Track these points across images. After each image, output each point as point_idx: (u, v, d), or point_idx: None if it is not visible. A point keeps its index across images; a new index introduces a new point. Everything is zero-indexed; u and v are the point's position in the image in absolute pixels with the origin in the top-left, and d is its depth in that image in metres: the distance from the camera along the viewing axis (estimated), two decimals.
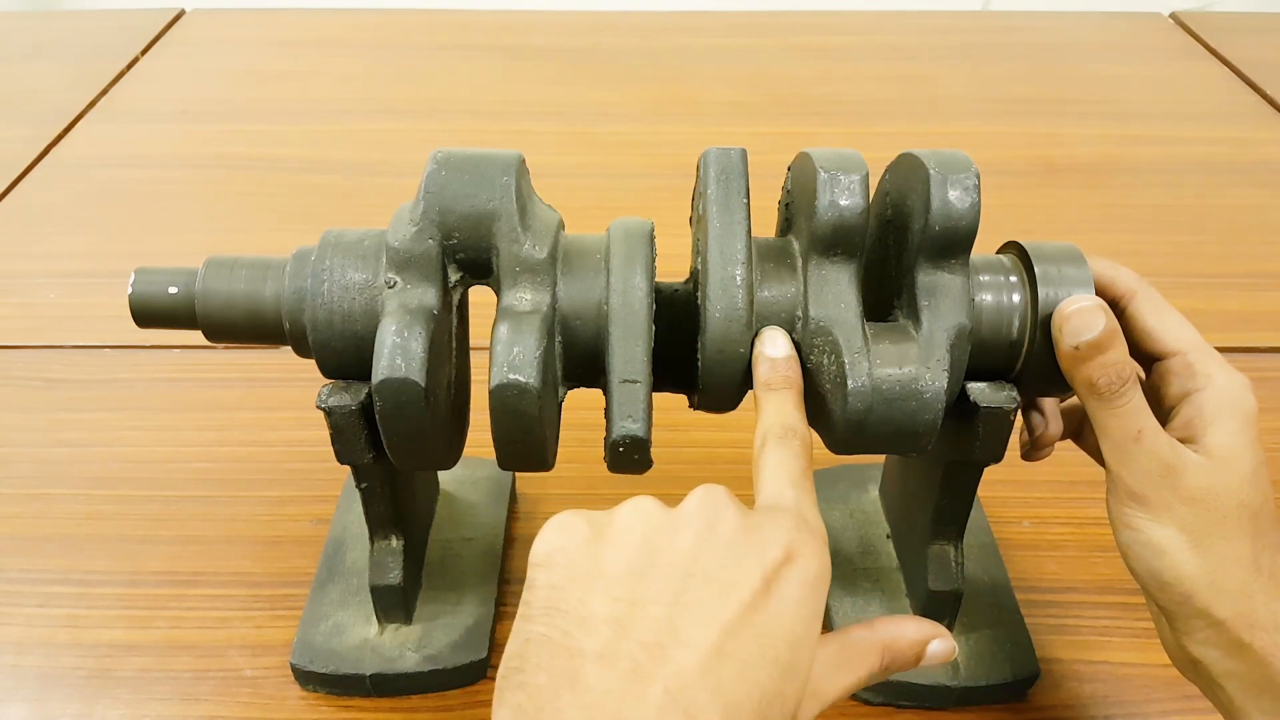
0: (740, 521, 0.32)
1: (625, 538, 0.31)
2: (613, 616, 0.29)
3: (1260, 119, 0.96)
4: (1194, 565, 0.36)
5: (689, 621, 0.29)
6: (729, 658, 0.28)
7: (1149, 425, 0.36)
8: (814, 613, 0.30)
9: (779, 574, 0.30)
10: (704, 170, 0.39)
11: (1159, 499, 0.36)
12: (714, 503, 0.32)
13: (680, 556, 0.30)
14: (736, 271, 0.37)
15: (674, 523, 0.32)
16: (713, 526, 0.31)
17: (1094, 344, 0.37)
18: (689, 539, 0.31)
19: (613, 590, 0.30)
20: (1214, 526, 0.35)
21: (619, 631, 0.29)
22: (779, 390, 0.37)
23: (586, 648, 0.28)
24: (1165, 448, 0.36)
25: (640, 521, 0.32)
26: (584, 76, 1.04)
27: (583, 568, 0.31)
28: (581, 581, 0.30)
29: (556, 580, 0.30)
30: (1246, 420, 0.36)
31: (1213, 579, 0.35)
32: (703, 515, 0.32)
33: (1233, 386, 0.37)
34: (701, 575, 0.30)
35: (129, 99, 0.99)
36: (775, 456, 0.35)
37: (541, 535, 0.32)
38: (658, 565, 0.30)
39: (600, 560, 0.31)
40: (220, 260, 0.40)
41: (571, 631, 0.29)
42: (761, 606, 0.29)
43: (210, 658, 0.47)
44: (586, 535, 0.32)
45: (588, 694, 0.27)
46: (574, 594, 0.30)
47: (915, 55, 1.08)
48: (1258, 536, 0.36)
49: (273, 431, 0.60)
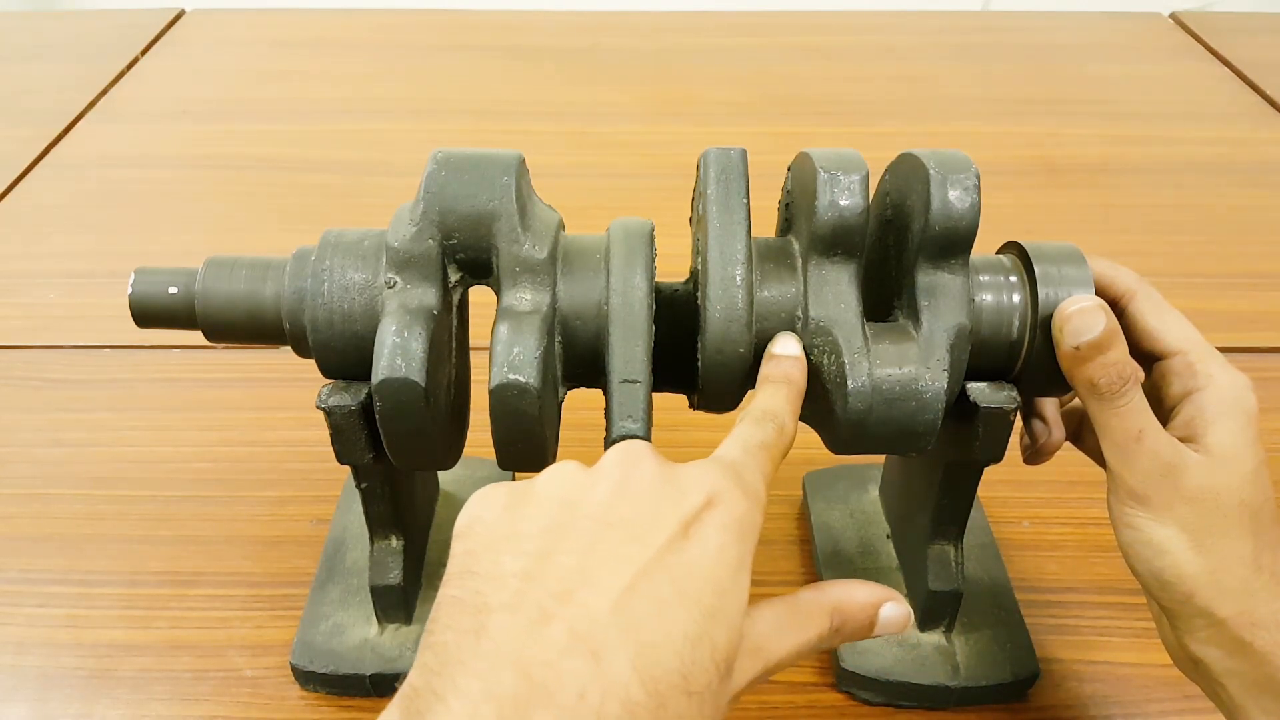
0: (659, 471, 0.31)
1: (543, 500, 0.31)
2: (523, 570, 0.28)
3: (1260, 119, 0.96)
4: (1195, 564, 0.36)
5: (600, 567, 0.28)
6: (641, 597, 0.27)
7: (1150, 425, 0.36)
8: (738, 560, 0.29)
9: (699, 518, 0.29)
10: (704, 170, 0.39)
11: (1160, 498, 0.36)
12: (633, 455, 0.32)
13: (595, 508, 0.30)
14: (736, 271, 0.37)
15: (591, 479, 0.31)
16: (629, 477, 0.31)
17: (1094, 344, 0.37)
18: (604, 491, 0.30)
19: (524, 547, 0.29)
20: (1215, 525, 0.35)
21: (527, 583, 0.28)
22: (775, 383, 0.37)
23: (493, 601, 0.28)
24: (1166, 447, 0.36)
25: (558, 484, 0.31)
26: (584, 76, 1.04)
27: (499, 532, 0.30)
28: (496, 544, 0.30)
29: (471, 546, 0.30)
30: (1248, 420, 0.36)
31: (1214, 578, 0.35)
32: (620, 467, 0.31)
33: (1234, 386, 0.37)
34: (617, 523, 0.29)
35: (129, 99, 0.99)
36: (742, 429, 0.35)
37: (464, 509, 0.32)
38: (573, 519, 0.30)
39: (516, 524, 0.30)
40: (220, 260, 0.40)
41: (481, 590, 0.28)
42: (679, 548, 0.29)
43: (210, 658, 0.47)
44: (505, 503, 0.31)
45: (490, 642, 0.26)
46: (487, 557, 0.29)
47: (915, 55, 1.09)
48: (1259, 535, 0.36)
49: (273, 431, 0.60)
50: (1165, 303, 0.39)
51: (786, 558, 0.53)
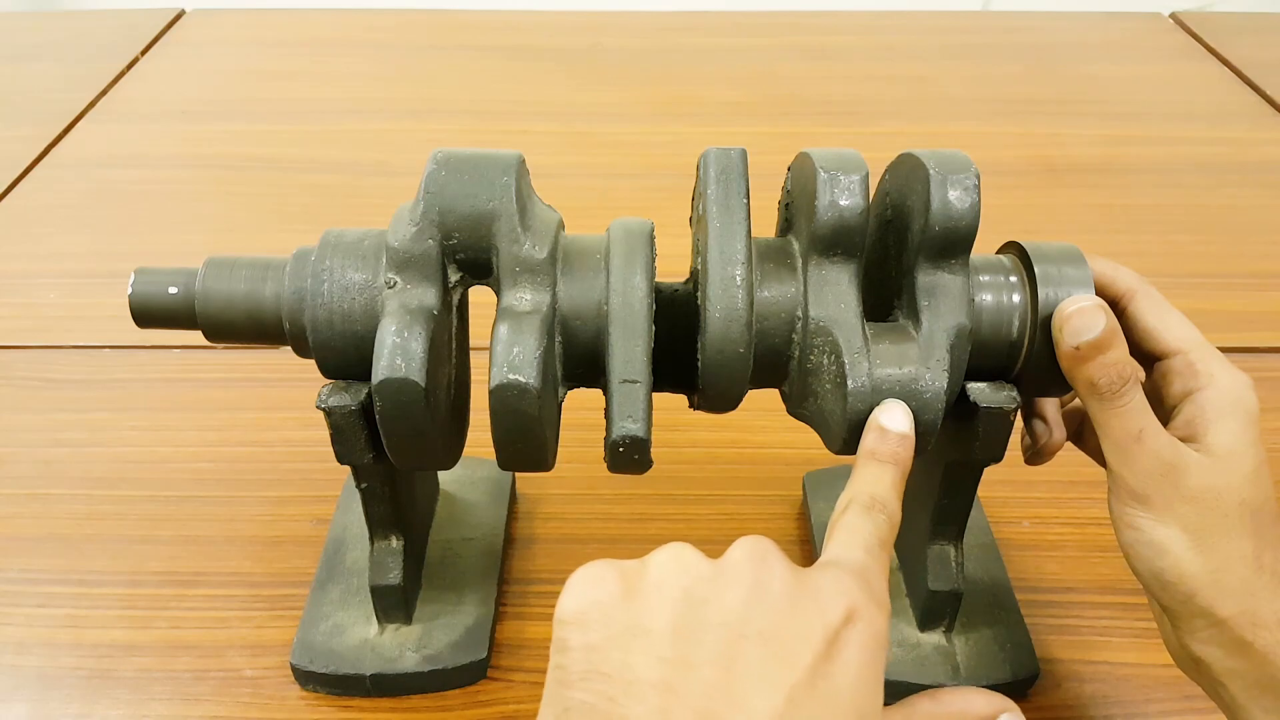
0: (793, 578, 0.29)
1: (664, 592, 0.29)
2: (662, 680, 0.27)
3: (1260, 119, 0.96)
4: (1196, 564, 0.36)
5: (748, 687, 0.27)
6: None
7: (1150, 425, 0.36)
8: (876, 678, 0.28)
9: (840, 636, 0.28)
10: (704, 170, 0.39)
11: (1161, 498, 0.36)
12: (762, 555, 0.30)
13: (730, 614, 0.28)
14: (736, 271, 0.37)
15: (719, 576, 0.29)
16: (763, 582, 0.29)
17: (1094, 344, 0.37)
18: (739, 595, 0.29)
19: (658, 650, 0.27)
20: (1216, 525, 0.35)
21: (669, 697, 0.26)
22: (882, 463, 0.36)
23: (635, 715, 0.26)
24: (1167, 447, 0.36)
25: (678, 574, 0.29)
26: (584, 76, 1.04)
27: (620, 625, 0.28)
28: (621, 641, 0.28)
29: (593, 640, 0.28)
30: (1248, 419, 0.36)
31: (1215, 578, 0.35)
32: (751, 569, 0.29)
33: (1235, 386, 0.37)
34: (756, 636, 0.28)
35: (129, 99, 0.99)
36: (855, 521, 0.33)
37: (569, 589, 0.30)
38: (706, 624, 0.28)
39: (639, 617, 0.28)
40: (220, 260, 0.40)
41: (617, 698, 0.26)
42: (825, 671, 0.27)
43: (210, 658, 0.47)
44: (620, 589, 0.29)
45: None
46: (614, 655, 0.27)
47: (915, 55, 1.09)
48: (1259, 535, 0.36)
49: (273, 431, 0.60)
50: (1166, 302, 0.39)
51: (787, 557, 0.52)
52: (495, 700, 0.46)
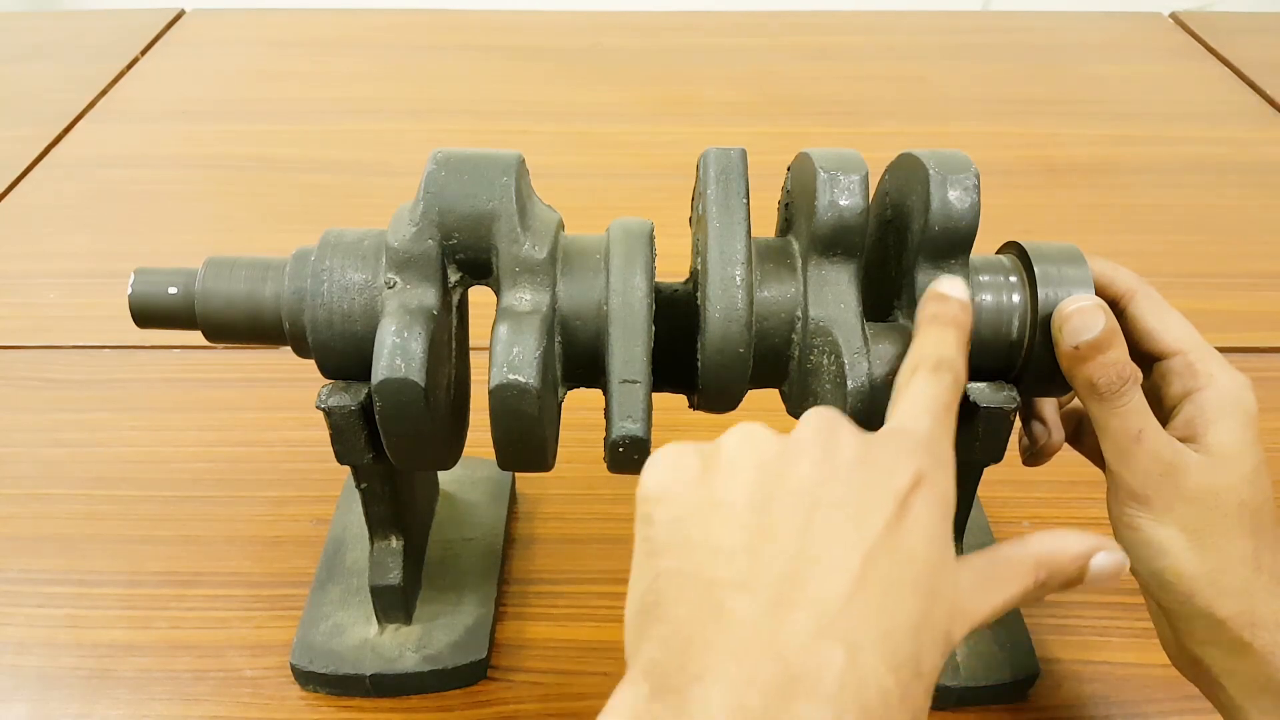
0: (862, 448, 0.30)
1: (739, 467, 0.30)
2: (746, 546, 0.28)
3: (1260, 119, 0.96)
4: (1195, 565, 0.36)
5: (825, 550, 0.28)
6: (873, 585, 0.27)
7: (1149, 425, 0.36)
8: (946, 537, 0.29)
9: (909, 500, 0.29)
10: (704, 170, 0.39)
11: (1160, 498, 0.36)
12: (831, 427, 0.31)
13: (803, 483, 0.29)
14: (736, 271, 0.37)
15: (790, 450, 0.30)
16: (832, 452, 0.30)
17: (1094, 344, 0.37)
18: (809, 467, 0.30)
19: (738, 520, 0.29)
20: (1215, 525, 0.35)
21: (753, 562, 0.27)
22: (945, 325, 0.36)
23: (722, 578, 0.27)
24: (1166, 447, 0.36)
25: (751, 449, 0.31)
26: (584, 76, 1.04)
27: (701, 499, 0.29)
28: (704, 512, 0.29)
29: (677, 513, 0.29)
30: (1247, 419, 0.37)
31: (1214, 578, 0.35)
32: (819, 441, 0.30)
33: (1234, 386, 0.37)
34: (829, 503, 0.29)
35: (129, 99, 0.99)
36: (922, 384, 0.34)
37: (650, 469, 0.31)
38: (781, 494, 0.29)
39: (717, 491, 0.29)
40: (220, 261, 0.40)
41: (704, 563, 0.28)
42: (897, 532, 0.28)
43: (210, 658, 0.47)
44: (698, 466, 0.30)
45: (735, 624, 0.26)
46: (698, 526, 0.29)
47: (915, 55, 1.09)
48: (1258, 535, 0.36)
49: (273, 431, 0.60)
50: (1165, 303, 0.39)
51: None
52: (495, 700, 0.46)
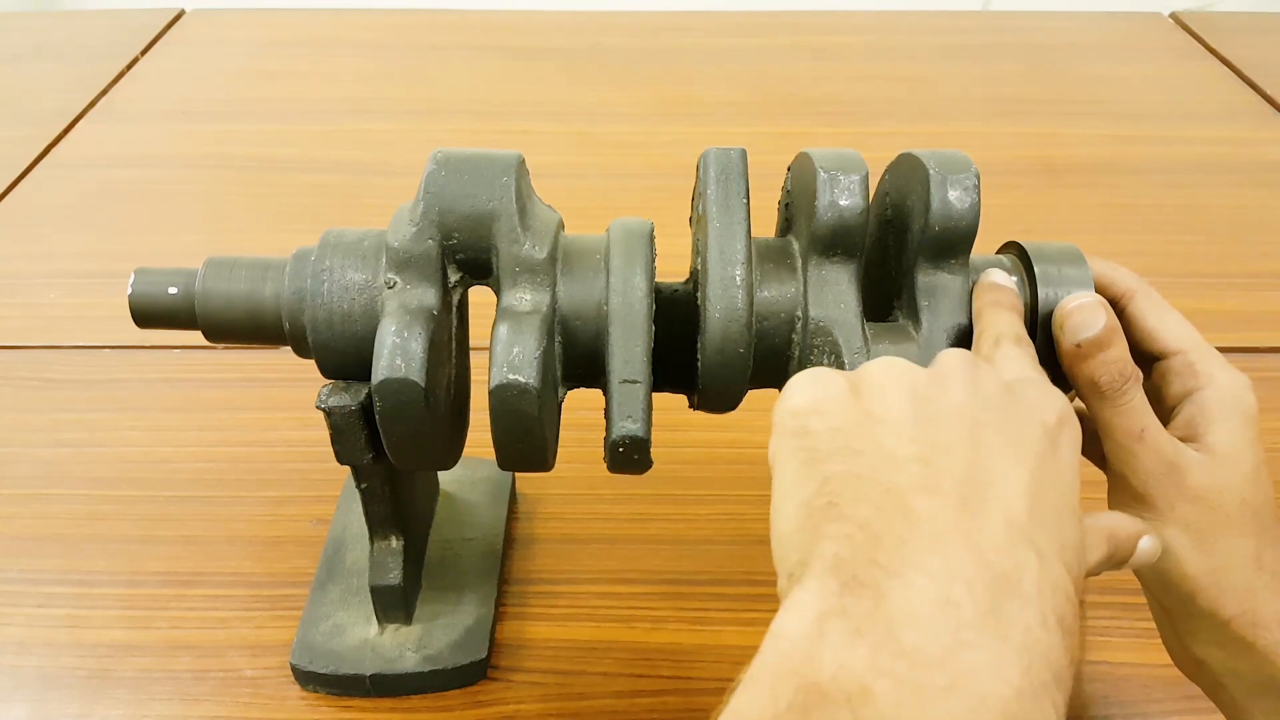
0: (1005, 383, 0.31)
1: (890, 389, 0.30)
2: (919, 455, 0.28)
3: (1260, 119, 0.96)
4: (1198, 565, 0.36)
5: (997, 465, 0.28)
6: (1044, 501, 0.28)
7: (1151, 424, 0.36)
8: (1077, 479, 0.30)
9: (1057, 436, 0.30)
10: (704, 170, 0.39)
11: (1163, 498, 0.36)
12: (974, 362, 0.32)
13: (960, 406, 0.30)
14: (736, 271, 0.37)
15: (938, 376, 0.31)
16: (980, 384, 0.31)
17: (1095, 341, 0.37)
18: (961, 391, 0.30)
19: (906, 432, 0.29)
20: (1218, 525, 0.35)
21: (930, 470, 0.28)
22: (1007, 308, 0.37)
23: (901, 482, 0.27)
24: (1168, 446, 0.36)
25: (899, 375, 0.31)
26: (584, 76, 1.04)
27: (861, 413, 0.30)
28: (865, 425, 0.29)
29: (837, 424, 0.29)
30: (1247, 419, 0.36)
31: (1217, 578, 0.35)
32: (966, 373, 0.31)
33: (1233, 385, 0.37)
34: (990, 425, 0.29)
35: (129, 99, 0.99)
36: (1015, 350, 0.35)
37: (794, 388, 0.31)
38: (940, 413, 0.29)
39: (874, 408, 0.30)
40: (220, 260, 0.40)
41: (879, 468, 0.28)
42: (1054, 460, 0.29)
43: (210, 658, 0.47)
44: (847, 387, 0.31)
45: (927, 522, 0.26)
46: (863, 436, 0.29)
47: (915, 55, 1.08)
48: (1260, 534, 0.36)
49: (273, 431, 0.60)
50: (1165, 303, 0.39)
51: None
52: (495, 700, 0.46)
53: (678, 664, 0.47)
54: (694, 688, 0.46)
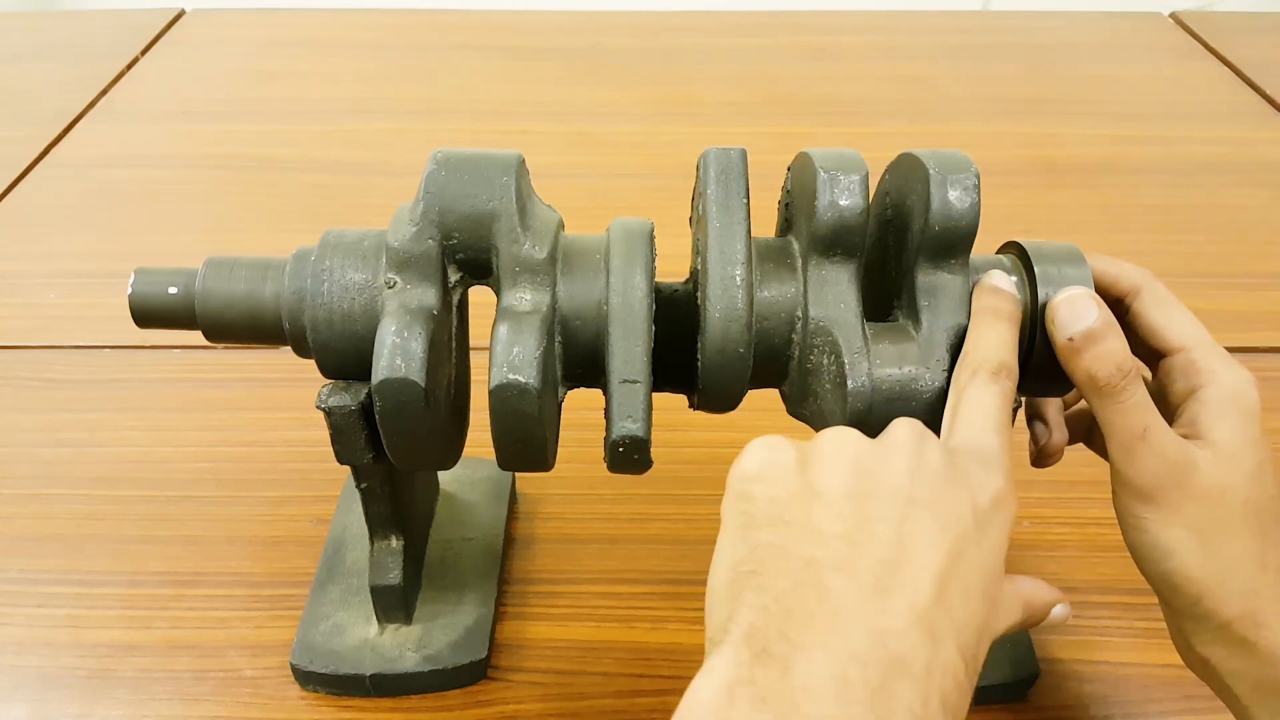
0: (948, 459, 0.32)
1: (836, 461, 0.32)
2: (844, 532, 0.29)
3: (1260, 119, 0.96)
4: (1203, 567, 0.35)
5: (917, 546, 0.29)
6: (955, 584, 0.29)
7: (1155, 422, 0.36)
8: (1003, 558, 0.32)
9: (989, 518, 0.31)
10: (704, 170, 0.39)
11: (1168, 498, 0.36)
12: (921, 435, 0.33)
13: (897, 482, 0.31)
14: (736, 271, 0.37)
15: (883, 450, 0.32)
16: (923, 457, 0.32)
17: (1088, 334, 0.36)
18: (903, 467, 0.31)
19: (836, 508, 0.30)
20: (1222, 524, 0.35)
21: (853, 547, 0.29)
22: (1004, 321, 0.37)
23: (822, 558, 0.29)
24: (1172, 445, 0.36)
25: (845, 447, 0.32)
26: (584, 76, 1.04)
27: (801, 485, 0.31)
28: (802, 498, 0.31)
29: (775, 494, 0.31)
30: (1248, 416, 0.36)
31: (1222, 579, 0.35)
32: (910, 448, 0.32)
33: (1235, 382, 0.37)
34: (921, 502, 0.30)
35: (129, 99, 0.99)
36: (984, 395, 0.35)
37: (749, 454, 0.32)
38: (876, 490, 0.31)
39: (815, 481, 0.31)
40: (220, 260, 0.40)
41: (803, 542, 0.29)
42: (976, 542, 0.30)
43: (210, 658, 0.47)
44: (795, 456, 0.32)
45: (837, 601, 0.28)
46: (797, 508, 0.30)
47: (915, 55, 1.08)
48: (1263, 533, 0.35)
49: (273, 431, 0.60)
50: (1171, 298, 0.39)
51: None
52: (495, 700, 0.46)
53: (678, 664, 0.47)
54: None
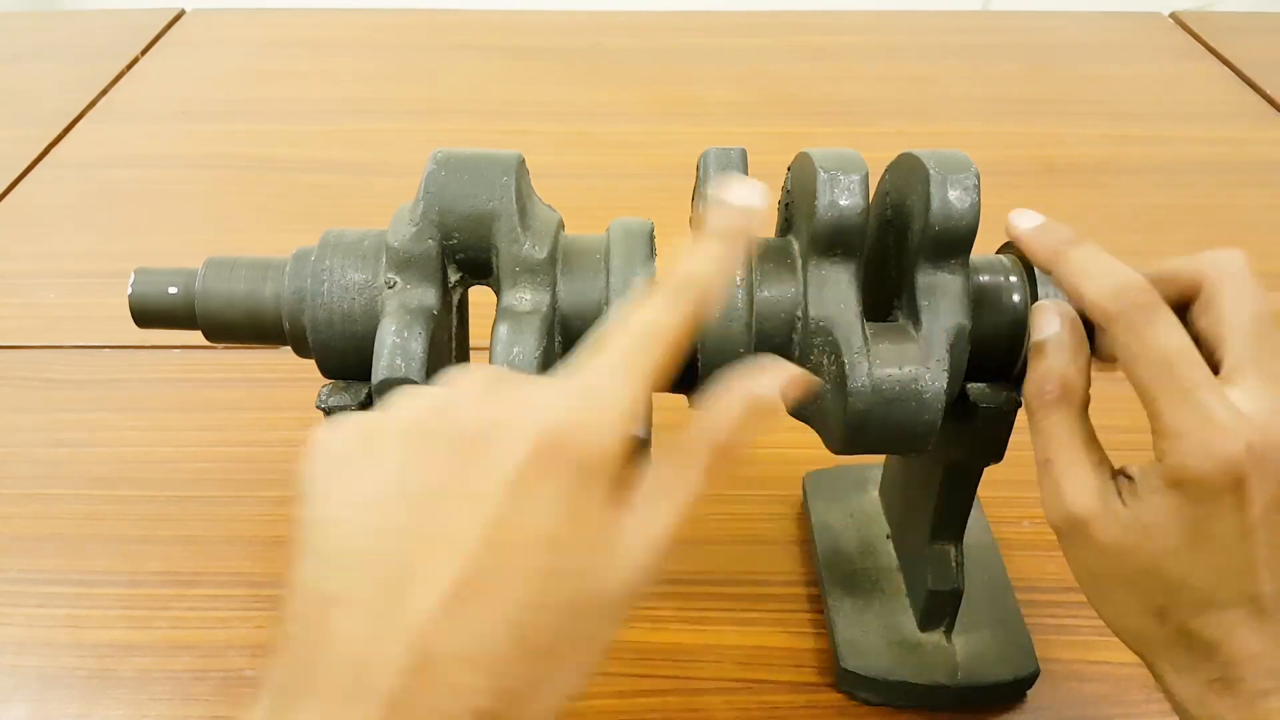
0: (461, 435, 0.26)
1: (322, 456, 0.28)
2: (345, 551, 0.26)
3: (1260, 119, 0.96)
4: (1098, 604, 0.36)
5: (424, 552, 0.25)
6: (469, 585, 0.25)
7: (1060, 456, 0.34)
8: (577, 507, 0.26)
9: (527, 479, 0.26)
10: (704, 170, 0.39)
11: (1059, 533, 0.36)
12: (422, 416, 0.27)
13: (388, 483, 0.26)
14: (736, 271, 0.37)
15: (372, 440, 0.27)
16: (428, 440, 0.27)
17: (1034, 346, 0.36)
18: (393, 462, 0.27)
19: (341, 516, 0.26)
20: (1109, 574, 0.35)
21: (350, 574, 0.25)
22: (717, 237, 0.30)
23: (327, 591, 0.26)
24: (1071, 489, 0.34)
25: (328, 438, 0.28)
26: (584, 76, 1.04)
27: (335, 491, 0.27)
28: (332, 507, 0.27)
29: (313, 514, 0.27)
30: (1199, 494, 0.32)
31: (1118, 625, 0.36)
32: (409, 430, 0.27)
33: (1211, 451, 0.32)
34: (434, 498, 0.26)
35: (129, 99, 0.99)
36: (642, 313, 0.29)
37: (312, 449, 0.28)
38: (373, 493, 0.26)
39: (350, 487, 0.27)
40: (220, 260, 0.40)
41: (316, 569, 0.26)
42: (505, 520, 0.25)
43: (210, 658, 0.47)
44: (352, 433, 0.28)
45: (336, 640, 0.25)
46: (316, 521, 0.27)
47: (915, 55, 1.08)
48: (1169, 593, 0.34)
49: (273, 431, 0.60)
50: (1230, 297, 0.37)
51: (787, 557, 0.53)
52: None
53: (678, 664, 0.47)
54: (694, 688, 0.46)
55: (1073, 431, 0.35)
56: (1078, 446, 0.35)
